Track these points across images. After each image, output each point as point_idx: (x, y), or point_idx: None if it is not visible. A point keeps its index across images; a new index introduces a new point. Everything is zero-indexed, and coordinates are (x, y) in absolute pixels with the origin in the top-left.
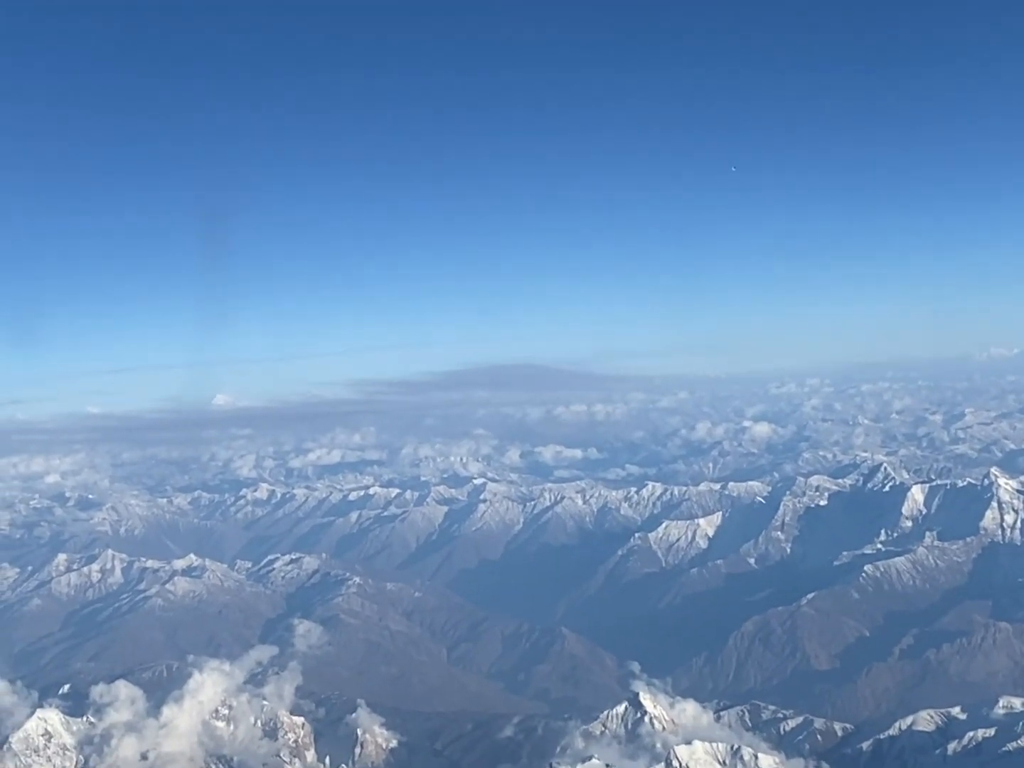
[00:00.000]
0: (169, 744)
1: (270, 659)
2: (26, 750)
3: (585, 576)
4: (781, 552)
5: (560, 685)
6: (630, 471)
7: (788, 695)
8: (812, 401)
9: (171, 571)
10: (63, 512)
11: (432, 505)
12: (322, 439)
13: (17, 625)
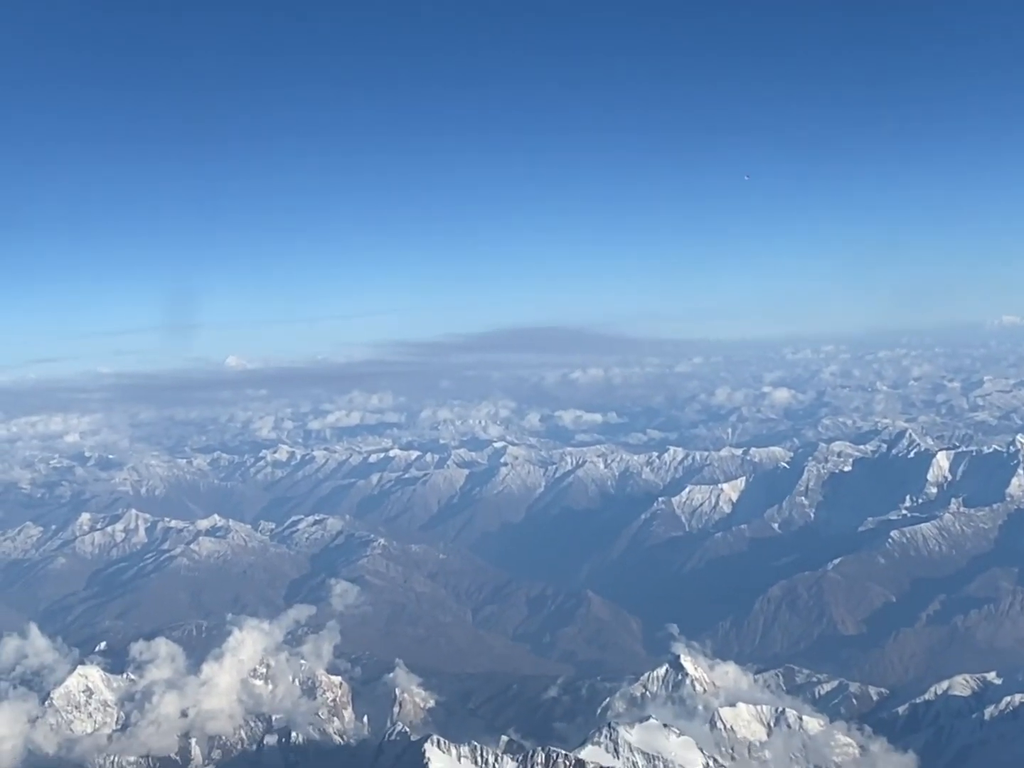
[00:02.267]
0: (209, 702)
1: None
2: (67, 706)
3: (608, 540)
4: (805, 517)
5: (586, 648)
6: (651, 436)
7: (815, 659)
8: (830, 367)
9: (195, 531)
10: (84, 472)
11: (453, 468)
12: (340, 401)
13: (42, 583)
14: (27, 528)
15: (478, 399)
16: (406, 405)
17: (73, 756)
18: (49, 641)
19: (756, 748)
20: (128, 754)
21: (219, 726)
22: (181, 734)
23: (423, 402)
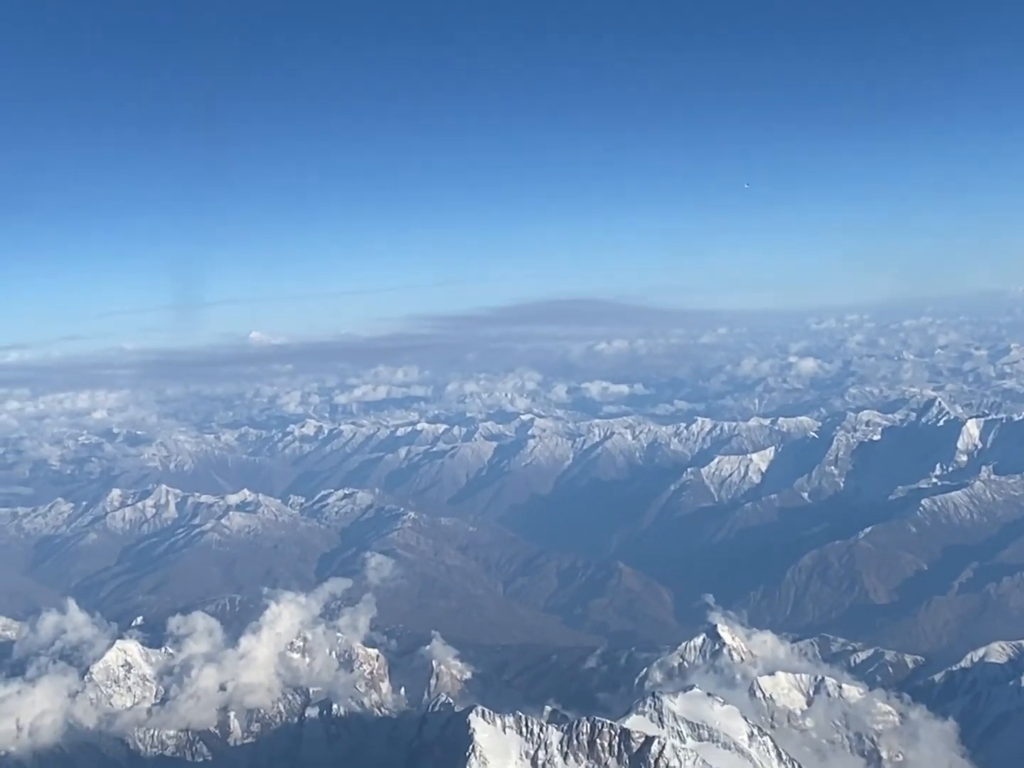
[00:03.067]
0: (247, 675)
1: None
2: (106, 680)
3: (638, 511)
4: (835, 487)
5: (617, 619)
6: (678, 407)
7: (848, 628)
8: (856, 337)
9: (225, 506)
10: (112, 448)
11: (480, 441)
12: (366, 375)
13: (74, 559)
14: (58, 504)
15: (504, 372)
16: (432, 379)
17: (113, 730)
18: (87, 616)
19: (796, 717)
20: (167, 728)
21: (257, 699)
22: (220, 708)
23: (449, 375)
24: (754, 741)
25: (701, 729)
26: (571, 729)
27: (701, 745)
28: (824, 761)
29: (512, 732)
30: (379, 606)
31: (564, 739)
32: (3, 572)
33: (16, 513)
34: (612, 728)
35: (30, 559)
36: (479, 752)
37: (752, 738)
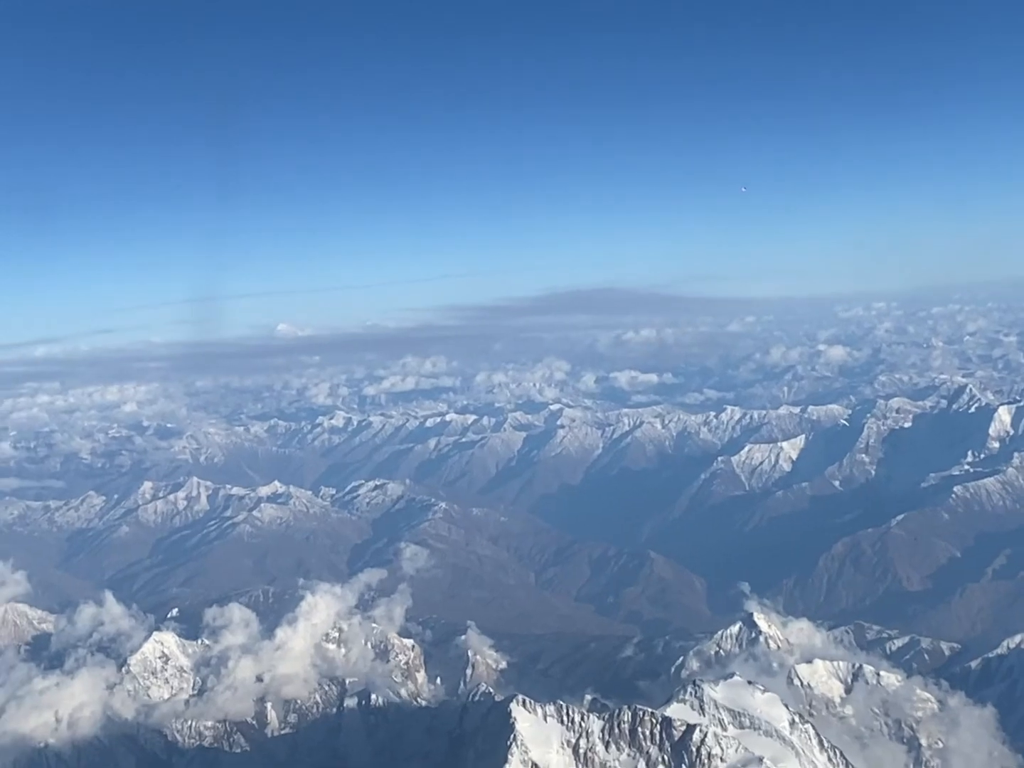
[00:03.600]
0: (284, 666)
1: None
2: (144, 672)
3: (668, 500)
4: (866, 474)
5: (650, 608)
6: (707, 395)
7: (881, 616)
8: (884, 324)
9: (257, 498)
10: (143, 441)
11: (510, 431)
12: (394, 366)
13: (107, 552)
14: (90, 497)
15: (532, 362)
16: (460, 369)
17: (151, 722)
18: (124, 608)
19: (834, 705)
20: (205, 719)
21: (294, 690)
22: (257, 699)
23: (477, 366)
24: (795, 729)
25: (742, 717)
26: (612, 718)
27: (742, 733)
28: (865, 749)
29: (553, 721)
30: (412, 596)
31: (605, 727)
32: (36, 565)
33: (48, 506)
34: (654, 716)
35: (63, 552)
36: (521, 741)
37: (793, 726)
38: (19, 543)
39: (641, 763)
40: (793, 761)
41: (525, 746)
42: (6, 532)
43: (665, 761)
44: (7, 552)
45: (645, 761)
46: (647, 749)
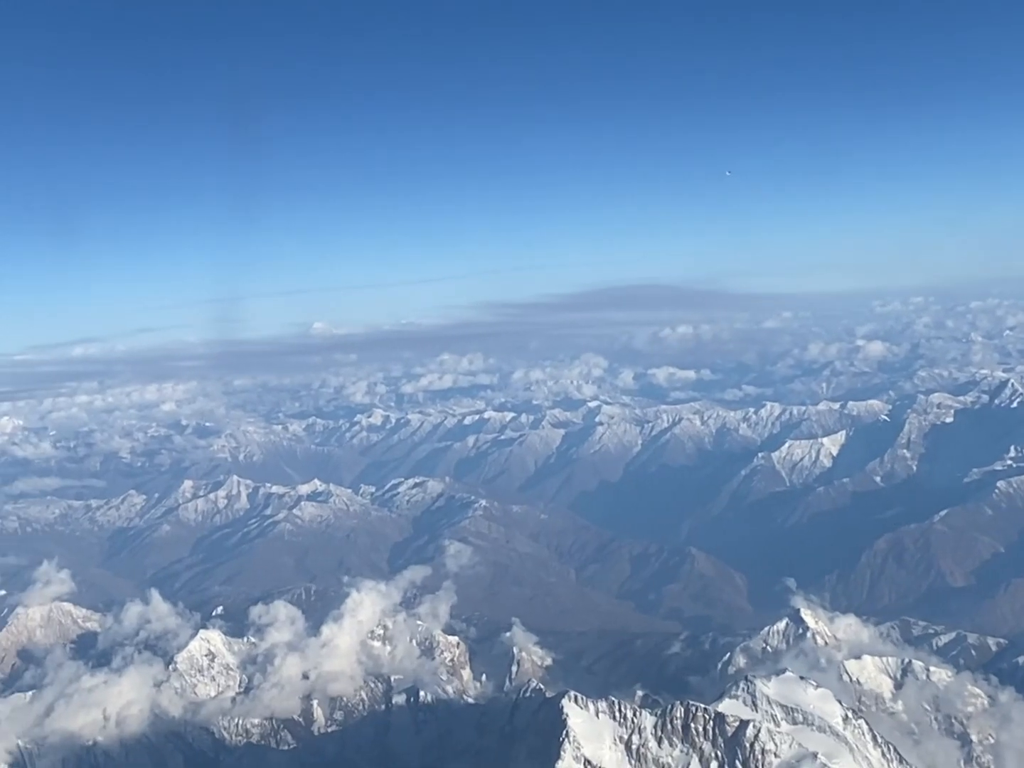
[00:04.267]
0: (330, 663)
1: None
2: (191, 670)
3: (708, 496)
4: (908, 470)
5: (692, 604)
6: (746, 392)
7: (925, 612)
8: (923, 319)
9: (297, 496)
10: (182, 440)
11: (548, 428)
12: (430, 364)
13: (148, 550)
14: (130, 496)
15: (569, 359)
16: (497, 367)
17: (198, 719)
18: (171, 606)
19: (884, 701)
20: (252, 716)
21: (340, 687)
22: (303, 696)
23: (514, 363)
24: (849, 724)
25: (795, 712)
26: (665, 713)
27: (796, 729)
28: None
29: (605, 717)
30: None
31: (658, 723)
32: (78, 564)
33: (89, 506)
34: (706, 712)
35: (104, 551)
36: (573, 737)
37: (847, 721)
38: (61, 542)
39: (694, 759)
40: (847, 757)
41: (578, 742)
42: (48, 531)
43: (718, 757)
44: (49, 551)
45: (698, 757)
46: (700, 745)
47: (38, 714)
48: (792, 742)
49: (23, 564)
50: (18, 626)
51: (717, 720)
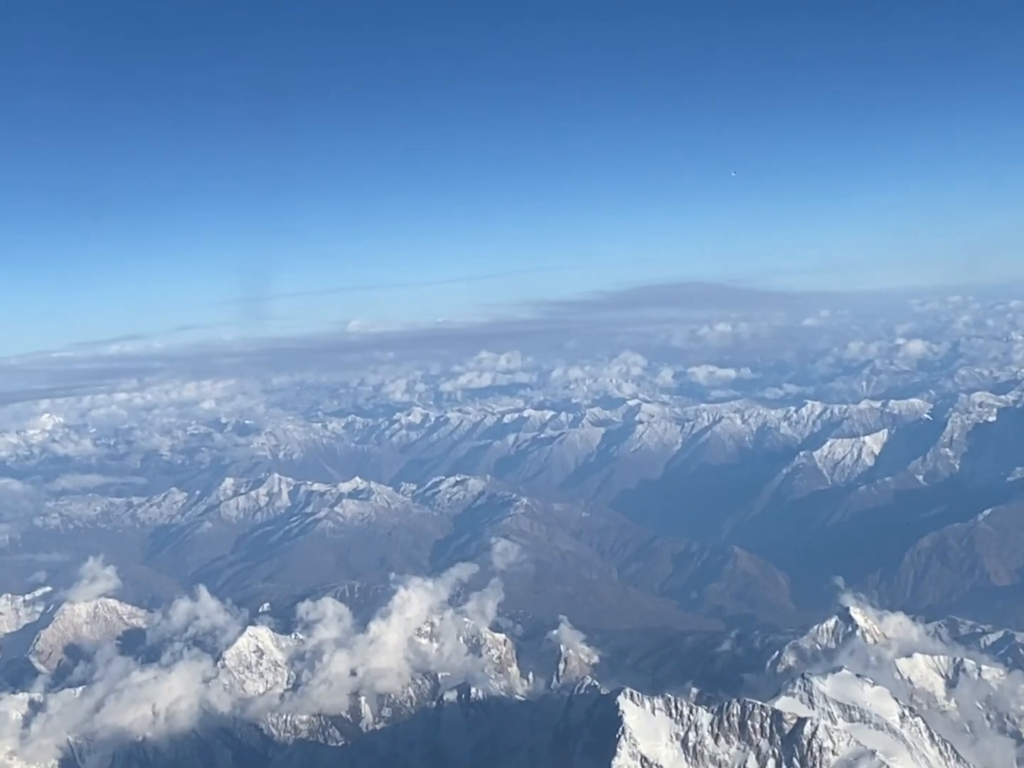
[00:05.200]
0: (377, 660)
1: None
2: (239, 666)
3: (750, 495)
4: (950, 469)
5: (734, 603)
6: (787, 390)
7: (969, 611)
8: (963, 318)
9: (338, 494)
10: (222, 437)
11: (588, 427)
12: (469, 363)
13: (190, 548)
14: (172, 494)
15: (607, 357)
16: (535, 365)
17: (247, 715)
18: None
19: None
20: (300, 713)
21: (388, 684)
22: (351, 693)
23: (552, 362)
24: (905, 722)
25: (852, 710)
26: (721, 711)
27: (853, 726)
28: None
29: (661, 714)
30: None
31: (714, 721)
32: (120, 561)
33: (131, 503)
34: (763, 709)
35: (146, 548)
36: (629, 734)
37: (904, 719)
38: (103, 539)
39: (751, 756)
40: (905, 755)
41: (634, 739)
42: (90, 528)
43: (775, 755)
44: (92, 548)
45: (755, 754)
46: (757, 742)
47: (88, 709)
48: (850, 740)
49: (67, 561)
50: (64, 622)
51: (774, 717)
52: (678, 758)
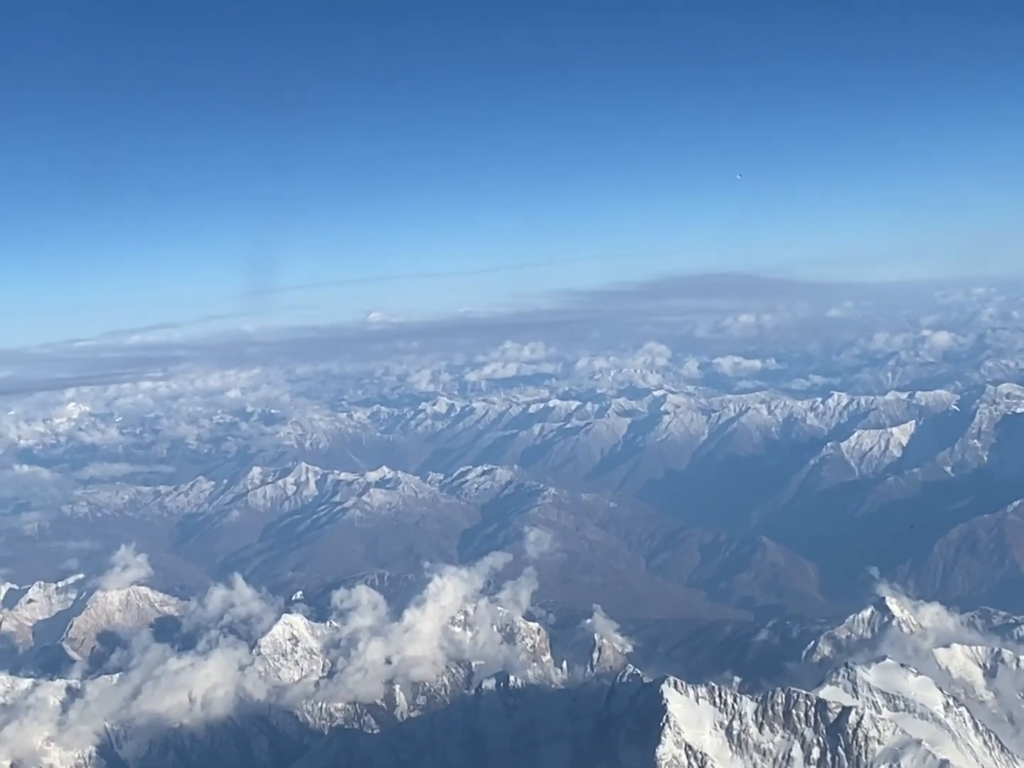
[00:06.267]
0: (412, 648)
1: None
2: (274, 654)
3: (777, 486)
4: (978, 460)
5: (763, 593)
6: (813, 381)
7: (999, 601)
8: (988, 310)
9: (365, 483)
10: (248, 427)
11: (614, 417)
12: (493, 353)
13: (218, 536)
14: (199, 483)
15: (631, 348)
16: (559, 355)
17: (282, 703)
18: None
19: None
20: (335, 700)
21: (422, 673)
22: (386, 681)
23: (576, 352)
24: (950, 712)
25: (896, 700)
26: (765, 699)
27: (898, 716)
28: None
29: (705, 703)
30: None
31: (758, 709)
32: (149, 549)
33: (158, 491)
34: (808, 698)
35: (174, 536)
36: (674, 723)
37: (948, 709)
38: (131, 528)
39: (795, 745)
40: (950, 744)
41: (678, 727)
42: (118, 516)
43: (820, 743)
44: (120, 536)
45: (800, 743)
46: (802, 731)
47: (125, 696)
48: (895, 729)
49: (97, 548)
50: (97, 610)
51: (819, 706)
52: (722, 746)
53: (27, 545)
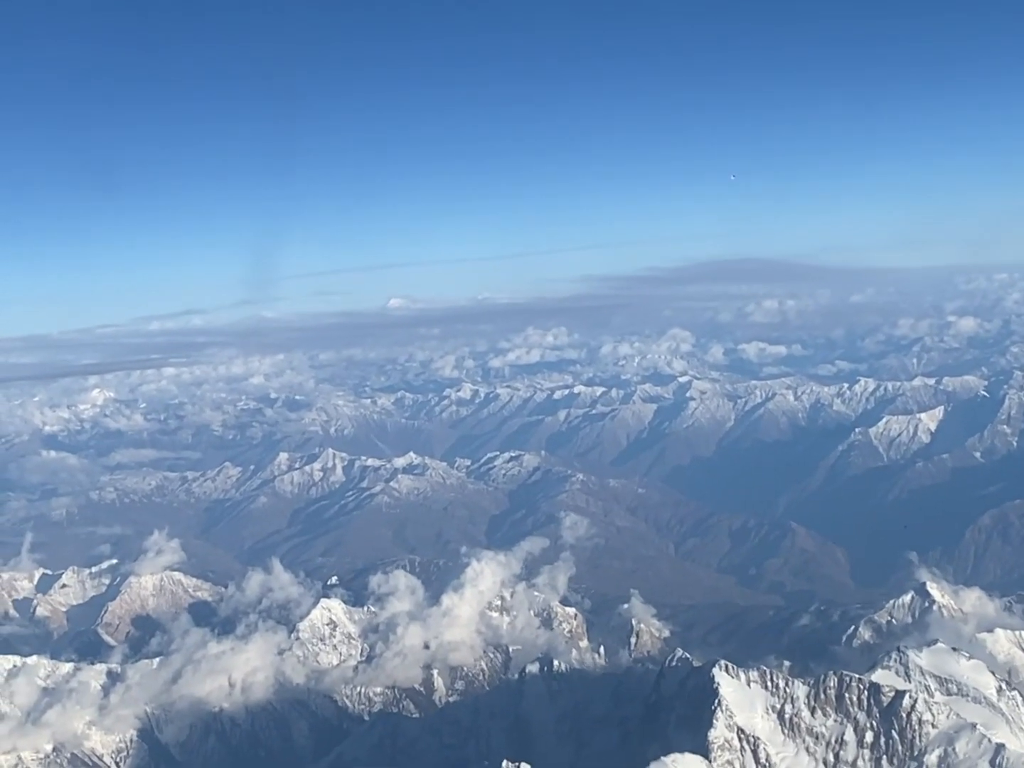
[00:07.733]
0: (450, 633)
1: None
2: (312, 639)
3: (805, 472)
4: (1008, 446)
5: (793, 579)
6: (839, 367)
7: None
8: (1013, 295)
9: (392, 469)
10: (272, 413)
11: (639, 403)
12: (516, 339)
13: (246, 522)
14: (226, 469)
15: (655, 334)
16: (583, 341)
17: (321, 687)
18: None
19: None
20: (374, 685)
21: (460, 657)
22: (424, 666)
23: (599, 338)
24: (1003, 695)
25: (949, 683)
26: (818, 683)
27: (951, 699)
28: None
29: (756, 686)
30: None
31: (811, 693)
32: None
33: (185, 477)
34: (861, 682)
35: (201, 522)
36: (726, 706)
37: (1001, 692)
38: (159, 513)
39: (848, 729)
40: (1004, 728)
41: (730, 711)
42: (145, 502)
43: (874, 727)
44: (148, 522)
45: (853, 727)
46: (855, 715)
47: (165, 680)
48: (949, 713)
49: (127, 534)
50: (131, 595)
51: (872, 690)
52: (774, 730)
53: (57, 531)
